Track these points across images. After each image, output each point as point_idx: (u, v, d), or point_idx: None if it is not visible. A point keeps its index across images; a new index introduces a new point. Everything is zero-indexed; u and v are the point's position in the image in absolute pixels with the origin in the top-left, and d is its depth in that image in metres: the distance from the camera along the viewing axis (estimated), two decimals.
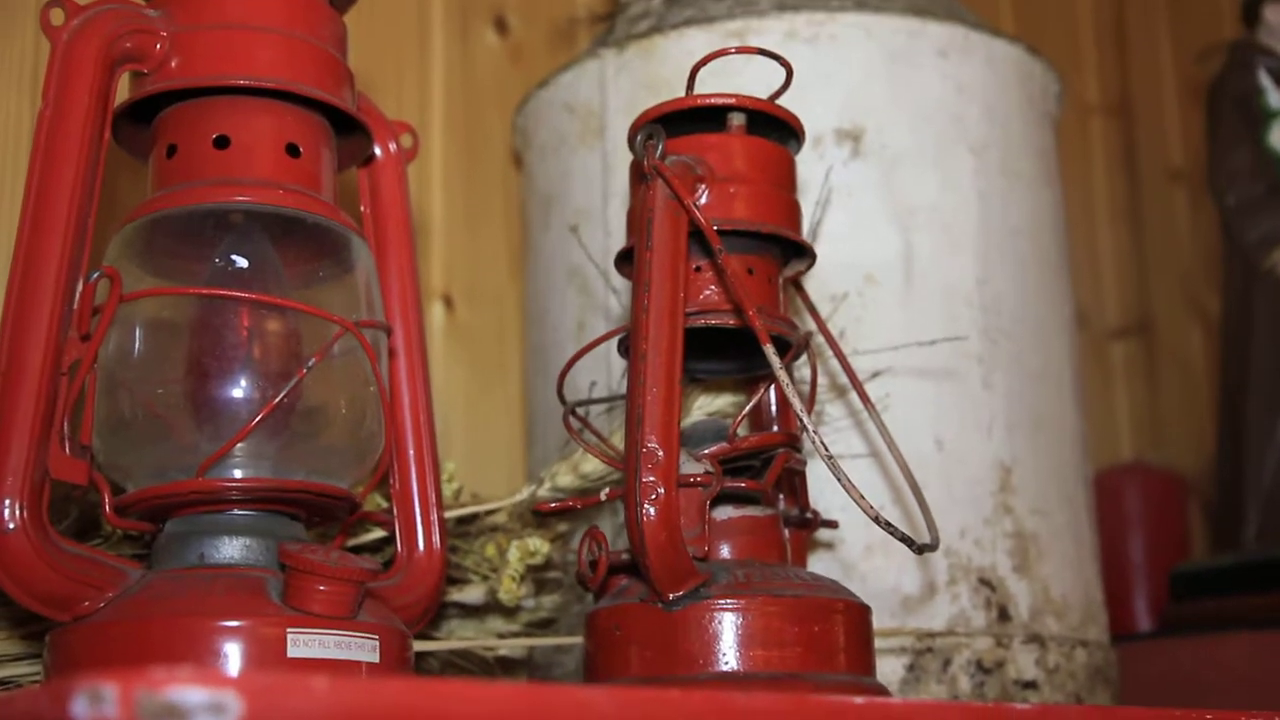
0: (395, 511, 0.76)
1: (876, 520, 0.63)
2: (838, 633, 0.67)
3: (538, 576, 0.85)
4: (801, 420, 0.63)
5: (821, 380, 0.85)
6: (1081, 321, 1.32)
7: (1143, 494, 1.39)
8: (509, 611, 0.84)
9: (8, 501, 0.61)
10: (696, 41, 0.92)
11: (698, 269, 0.71)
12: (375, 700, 0.39)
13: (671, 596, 0.65)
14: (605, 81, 0.96)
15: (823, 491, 0.78)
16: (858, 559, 0.85)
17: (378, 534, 0.79)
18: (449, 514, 0.80)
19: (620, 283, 0.88)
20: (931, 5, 0.96)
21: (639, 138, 0.69)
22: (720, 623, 0.65)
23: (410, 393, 0.77)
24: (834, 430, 0.84)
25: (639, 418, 0.65)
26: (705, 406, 0.77)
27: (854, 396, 0.82)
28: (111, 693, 0.37)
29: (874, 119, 0.91)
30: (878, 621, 0.81)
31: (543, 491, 0.80)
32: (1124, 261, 1.71)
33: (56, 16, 0.67)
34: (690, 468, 0.68)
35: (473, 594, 0.83)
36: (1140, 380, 1.69)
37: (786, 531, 0.76)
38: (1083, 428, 0.96)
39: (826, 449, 0.63)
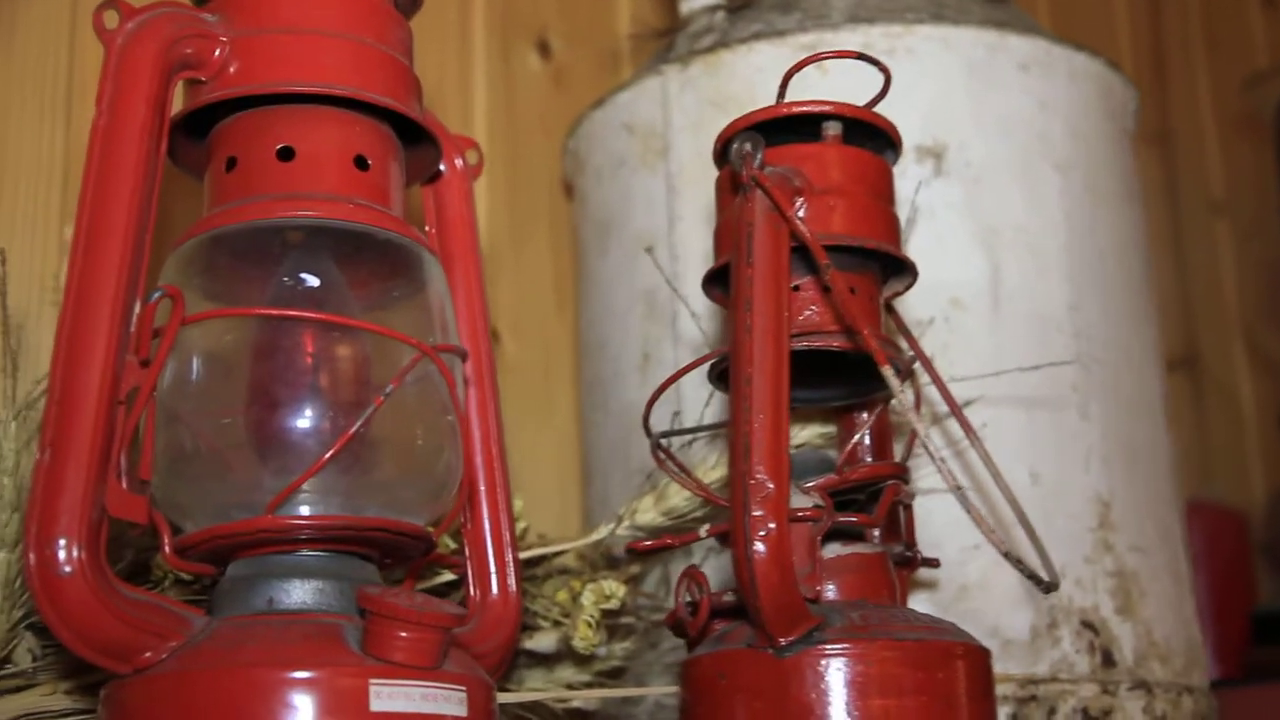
0: (467, 552, 0.71)
1: (1006, 555, 0.58)
2: (960, 679, 0.61)
3: (608, 622, 0.80)
4: (927, 449, 0.58)
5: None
6: None
7: (1205, 532, 1.34)
8: (581, 660, 0.79)
9: (63, 542, 0.55)
10: (766, 56, 0.88)
11: (795, 288, 0.66)
12: None
13: (784, 641, 0.60)
14: (668, 99, 0.91)
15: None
16: (951, 600, 0.80)
17: (445, 578, 0.74)
18: (538, 553, 0.75)
19: (704, 307, 0.83)
20: (1008, 18, 0.92)
21: (736, 146, 0.64)
22: (837, 670, 0.60)
23: (481, 424, 0.72)
24: (925, 462, 0.79)
25: (745, 447, 0.60)
26: (793, 438, 0.72)
27: (949, 425, 0.77)
28: None
29: (956, 135, 0.86)
30: None
31: (621, 530, 0.75)
32: (1167, 295, 1.66)
33: (110, 19, 0.62)
34: (798, 501, 0.63)
35: (544, 641, 0.77)
36: (1187, 416, 1.64)
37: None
38: (1175, 459, 0.91)
39: (955, 479, 0.58)
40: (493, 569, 0.70)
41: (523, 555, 0.77)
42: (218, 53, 0.64)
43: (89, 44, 0.91)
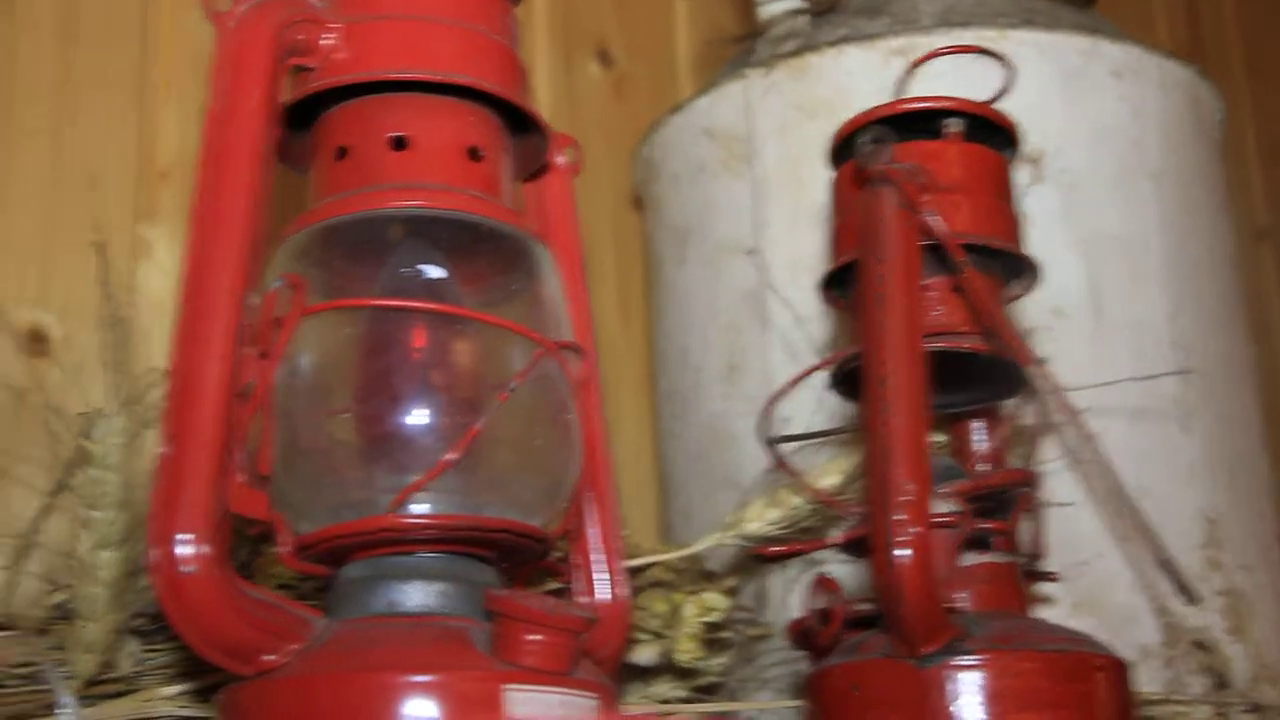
0: (574, 557, 0.68)
1: (1164, 563, 0.56)
2: (1101, 691, 0.59)
3: (707, 636, 0.78)
4: (1074, 452, 0.56)
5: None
6: None
7: None
8: (683, 674, 0.76)
9: (186, 538, 0.53)
10: (855, 60, 0.86)
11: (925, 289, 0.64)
12: None
13: (924, 651, 0.58)
14: (751, 104, 0.89)
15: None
16: (1063, 617, 0.77)
17: (546, 586, 0.72)
18: (646, 562, 0.73)
19: (812, 310, 0.81)
20: (1098, 24, 0.90)
21: (864, 140, 0.62)
22: (980, 682, 0.57)
23: (588, 426, 0.70)
24: (1049, 472, 0.77)
25: (884, 450, 0.58)
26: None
27: (1066, 436, 0.75)
28: None
29: (1052, 142, 0.85)
30: None
31: (728, 539, 0.73)
32: None
33: (222, 1, 0.60)
34: (935, 507, 0.61)
35: (646, 654, 0.75)
36: None
37: None
38: (1274, 477, 0.89)
39: (1119, 481, 0.56)
40: (602, 576, 0.68)
41: (639, 562, 0.75)
42: (328, 39, 0.62)
43: (161, 43, 0.89)
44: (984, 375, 0.65)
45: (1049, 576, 0.70)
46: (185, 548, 0.53)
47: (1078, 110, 0.86)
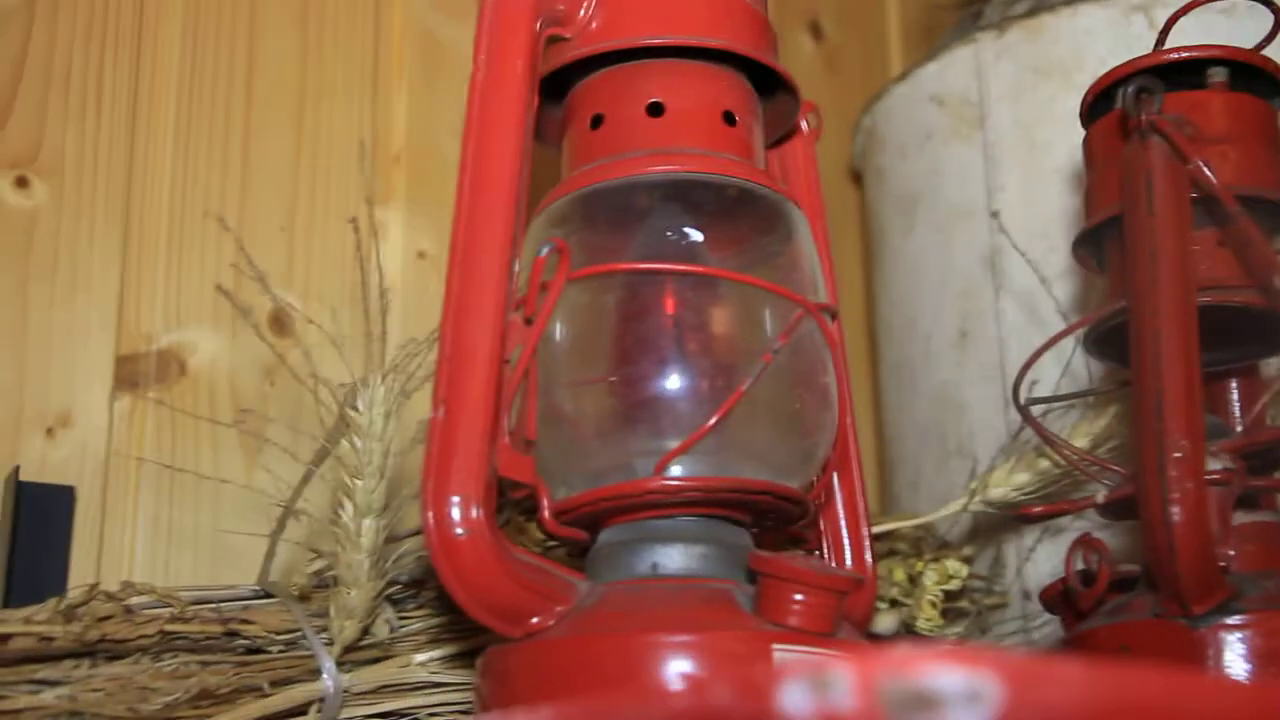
0: (823, 525, 0.68)
1: None
2: None
3: (945, 605, 0.77)
4: None
5: None
6: None
7: None
8: (920, 642, 0.75)
9: (459, 500, 0.54)
10: (1093, 19, 0.84)
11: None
12: (1140, 693, 0.31)
13: (1198, 611, 0.56)
14: (982, 68, 0.88)
15: None
16: None
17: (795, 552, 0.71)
18: (891, 528, 0.72)
19: (1052, 271, 0.80)
20: None
21: (1131, 90, 0.61)
22: (1258, 641, 0.56)
23: (839, 391, 0.69)
24: None
25: (1157, 405, 0.56)
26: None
27: None
28: (845, 678, 0.29)
29: None
30: None
31: (974, 505, 0.71)
32: None
33: None
34: (1208, 464, 0.59)
35: (885, 622, 0.74)
36: None
37: None
38: None
39: None
40: (849, 543, 0.68)
41: (884, 527, 0.75)
42: (584, 9, 0.62)
43: (394, 29, 0.90)
44: (1250, 331, 0.63)
45: None
46: (459, 510, 0.54)
47: None
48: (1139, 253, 0.59)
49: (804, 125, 0.72)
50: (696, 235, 0.61)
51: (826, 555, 0.67)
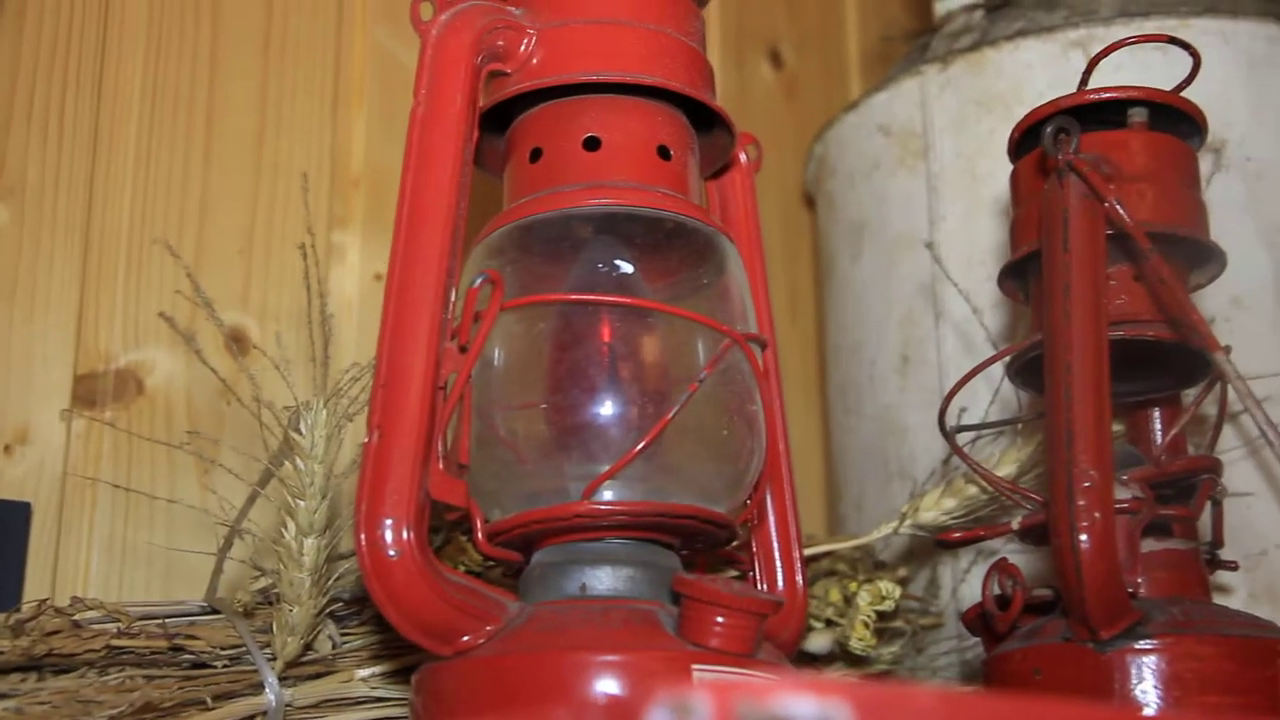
0: (755, 546, 0.70)
1: None
2: None
3: (880, 625, 0.79)
4: (1269, 438, 0.56)
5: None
6: None
7: None
8: (855, 661, 0.77)
9: (390, 523, 0.56)
10: (1033, 53, 0.86)
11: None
12: (986, 715, 0.33)
13: (1105, 636, 0.58)
14: (927, 100, 0.90)
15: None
16: (1242, 606, 0.77)
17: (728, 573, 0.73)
18: (824, 549, 0.74)
19: (986, 301, 0.82)
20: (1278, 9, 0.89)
21: (1050, 130, 0.63)
22: (1163, 666, 0.58)
23: (768, 418, 0.71)
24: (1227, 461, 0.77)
25: (1068, 436, 0.58)
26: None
27: (1244, 425, 0.74)
28: (703, 705, 0.31)
29: (1235, 131, 0.84)
30: None
31: (904, 529, 0.74)
32: None
33: (425, 11, 0.63)
34: (1117, 493, 0.61)
35: (819, 641, 0.76)
36: None
37: None
38: None
39: None
40: (779, 565, 0.70)
41: (817, 549, 0.77)
42: (524, 45, 0.64)
43: (353, 56, 0.92)
44: (1165, 363, 0.65)
45: (1228, 565, 0.69)
46: (391, 533, 0.56)
47: (1263, 99, 0.85)
48: (1054, 288, 0.61)
49: (743, 157, 0.75)
50: (627, 267, 0.63)
51: (758, 576, 0.69)
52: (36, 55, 0.82)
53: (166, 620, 0.66)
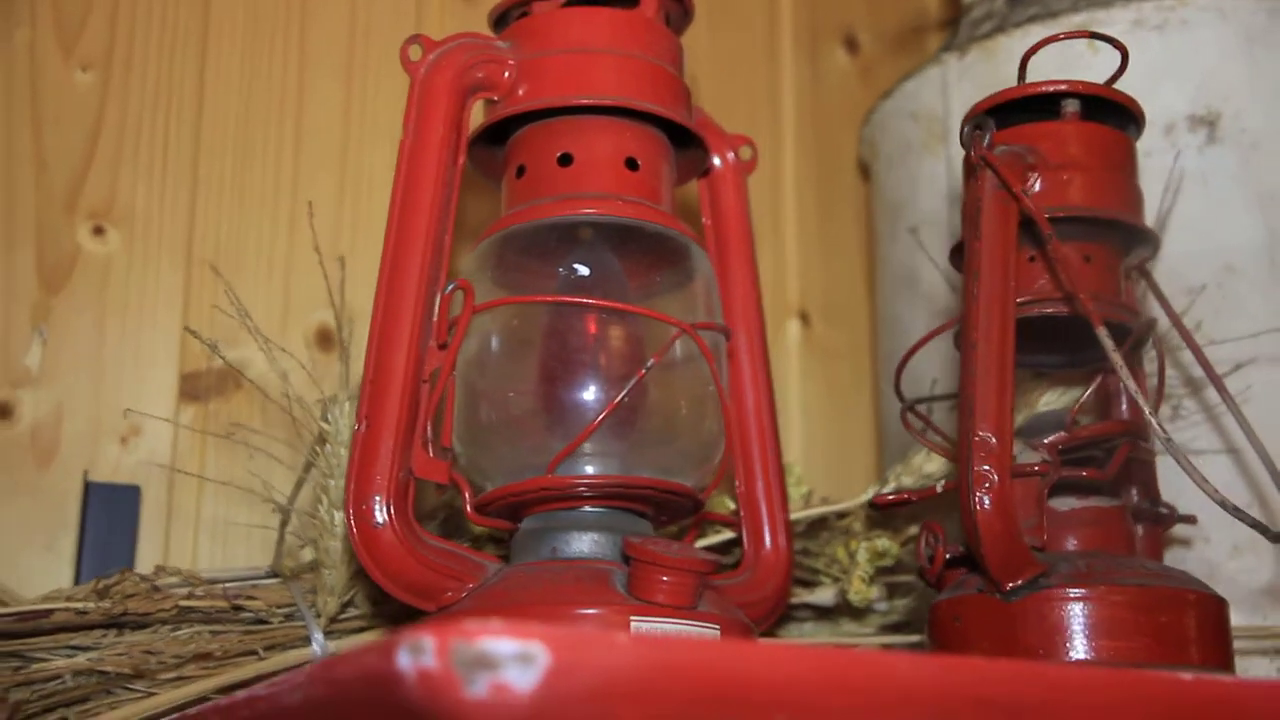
0: (741, 512, 0.78)
1: (1223, 505, 0.61)
2: (1188, 625, 0.64)
3: (890, 580, 0.85)
4: (1139, 404, 0.62)
5: (1177, 374, 0.82)
6: None
7: None
8: (859, 613, 0.84)
9: (377, 499, 0.66)
10: (1039, 38, 0.91)
11: (1032, 259, 0.70)
12: (677, 657, 0.41)
13: (1009, 587, 0.64)
14: (947, 86, 0.95)
15: (1182, 490, 0.75)
16: (1224, 558, 0.81)
17: (726, 535, 0.81)
18: (800, 516, 0.81)
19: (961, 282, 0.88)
20: None
21: (965, 129, 0.69)
22: (1060, 613, 0.64)
23: (754, 396, 0.79)
24: (1191, 425, 0.81)
25: (970, 408, 0.65)
26: (1052, 403, 0.76)
27: (1212, 391, 0.79)
28: (430, 644, 0.40)
29: (1231, 103, 0.87)
30: (1245, 620, 0.78)
31: (885, 491, 0.80)
32: None
33: (414, 52, 0.72)
34: (1027, 457, 0.67)
35: (823, 595, 0.84)
36: None
37: (1140, 527, 0.74)
38: None
39: (1165, 433, 0.61)
40: (765, 526, 0.77)
41: (802, 515, 0.84)
42: (507, 75, 0.73)
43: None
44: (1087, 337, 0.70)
45: (1186, 519, 0.74)
46: (377, 509, 0.66)
47: (1260, 70, 0.88)
48: (967, 272, 0.67)
49: (732, 157, 0.82)
50: (591, 269, 0.72)
51: (745, 537, 0.77)
52: (142, 100, 0.95)
53: (230, 584, 0.77)
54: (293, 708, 0.48)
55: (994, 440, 0.64)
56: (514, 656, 0.40)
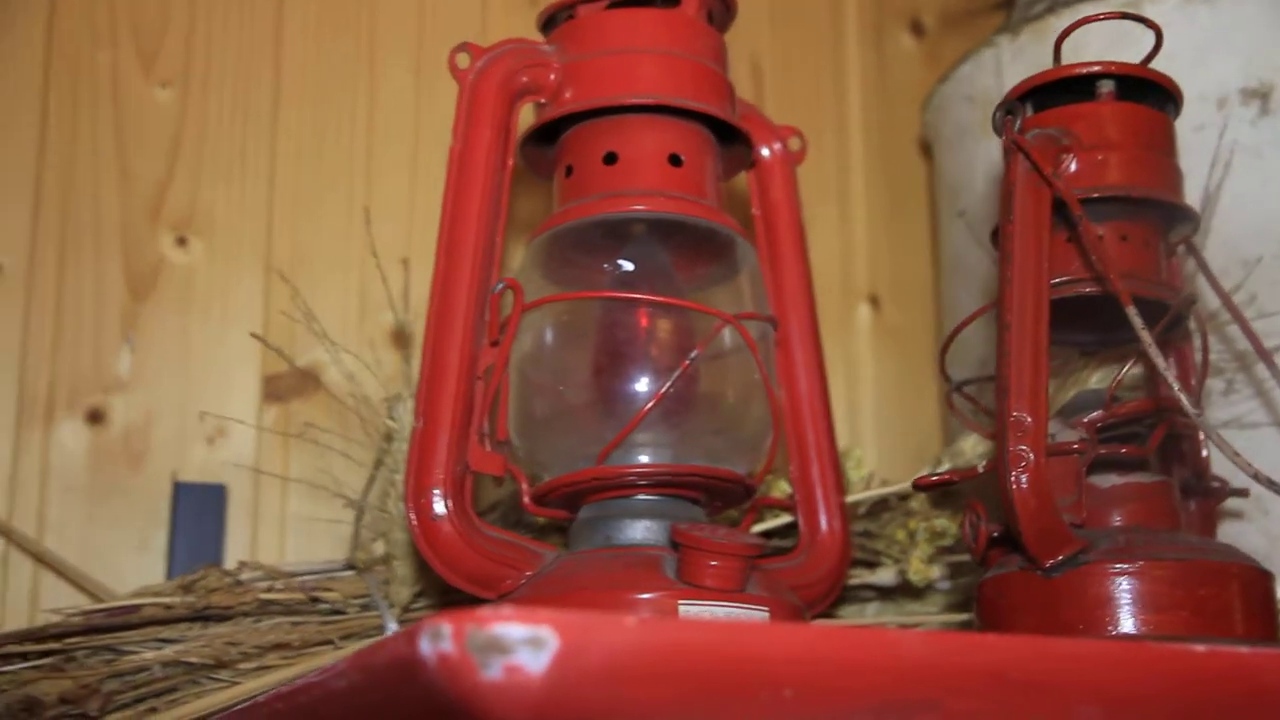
0: (796, 495, 0.80)
1: (1256, 478, 0.62)
2: (1230, 598, 0.65)
3: (952, 559, 0.87)
4: (1168, 380, 0.63)
5: (1226, 350, 0.83)
6: None
7: None
8: (919, 592, 0.86)
9: (436, 492, 0.69)
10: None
11: (1069, 240, 0.71)
12: (681, 638, 0.43)
13: (1049, 563, 0.66)
14: (1001, 68, 0.96)
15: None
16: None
17: (785, 519, 0.83)
18: (858, 498, 0.83)
19: None
20: None
21: (997, 114, 0.70)
22: (1100, 588, 0.65)
23: (806, 381, 0.80)
24: (1245, 399, 0.81)
25: (1005, 388, 0.66)
26: (1102, 381, 0.77)
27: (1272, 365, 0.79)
28: (448, 631, 0.42)
29: None
30: None
31: (938, 472, 0.81)
32: None
33: (462, 60, 0.75)
34: (1066, 436, 0.68)
35: (884, 575, 0.85)
36: None
37: (1192, 503, 0.74)
38: None
39: (1193, 408, 0.62)
40: (820, 509, 0.79)
41: (860, 497, 0.86)
42: (553, 77, 0.75)
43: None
44: (1154, 315, 0.71)
45: (1239, 492, 0.75)
46: (436, 502, 0.69)
47: None
48: (1002, 255, 0.68)
49: (779, 148, 0.84)
50: (638, 263, 0.74)
51: (801, 520, 0.79)
52: (219, 114, 0.99)
53: (308, 577, 0.81)
54: (340, 692, 0.51)
55: (1029, 420, 0.65)
56: (525, 640, 0.42)
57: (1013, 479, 0.64)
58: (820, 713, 0.46)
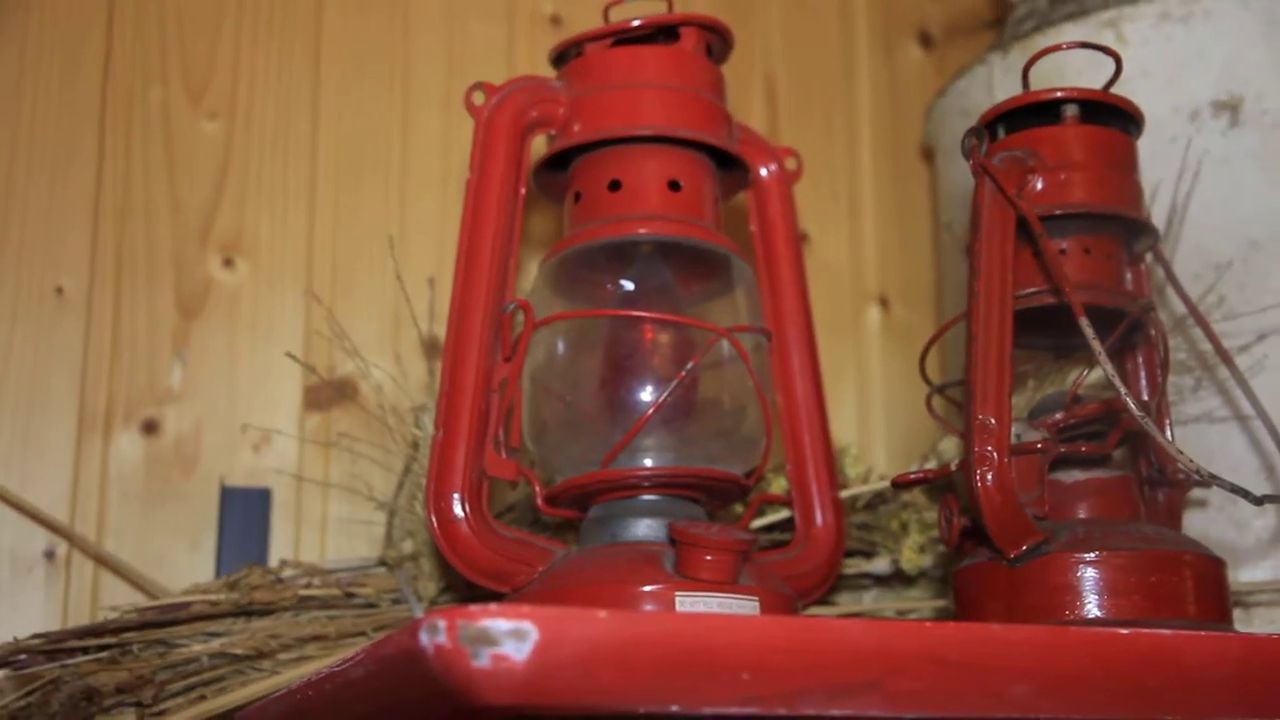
0: (792, 491, 0.86)
1: (1198, 473, 0.67)
2: (1183, 583, 0.70)
3: (943, 549, 0.92)
4: (1115, 383, 0.68)
5: (1189, 350, 0.88)
6: None
7: None
8: (913, 580, 0.92)
9: (456, 496, 0.75)
10: (1072, 35, 0.97)
11: (1035, 255, 0.77)
12: (647, 629, 0.50)
13: (1014, 554, 0.71)
14: (993, 84, 1.02)
15: (1211, 458, 0.81)
16: (1251, 517, 0.87)
17: (785, 514, 0.89)
18: (854, 492, 0.89)
19: None
20: None
21: (965, 140, 0.76)
22: (1061, 576, 0.70)
23: (802, 386, 0.87)
24: (1211, 395, 0.87)
25: (973, 394, 0.72)
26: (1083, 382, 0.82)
27: (1226, 366, 0.84)
28: (442, 625, 0.49)
29: (1252, 87, 0.92)
30: (1274, 575, 0.83)
31: (923, 468, 0.87)
32: None
33: (478, 98, 0.81)
34: (1030, 436, 0.74)
35: (879, 564, 0.91)
36: None
37: (1160, 494, 0.80)
38: None
39: (1139, 408, 0.67)
40: (815, 504, 0.85)
41: (857, 491, 0.92)
42: (562, 112, 0.82)
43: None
44: (1111, 324, 0.77)
45: (1201, 483, 0.80)
46: (454, 505, 0.75)
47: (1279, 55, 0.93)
48: (970, 271, 0.74)
49: (775, 168, 0.90)
50: (638, 282, 0.80)
51: (797, 515, 0.85)
52: (262, 144, 1.06)
53: (344, 574, 0.88)
54: (359, 679, 0.58)
55: (994, 423, 0.71)
56: (509, 632, 0.49)
57: (978, 477, 0.70)
58: (775, 694, 0.52)
